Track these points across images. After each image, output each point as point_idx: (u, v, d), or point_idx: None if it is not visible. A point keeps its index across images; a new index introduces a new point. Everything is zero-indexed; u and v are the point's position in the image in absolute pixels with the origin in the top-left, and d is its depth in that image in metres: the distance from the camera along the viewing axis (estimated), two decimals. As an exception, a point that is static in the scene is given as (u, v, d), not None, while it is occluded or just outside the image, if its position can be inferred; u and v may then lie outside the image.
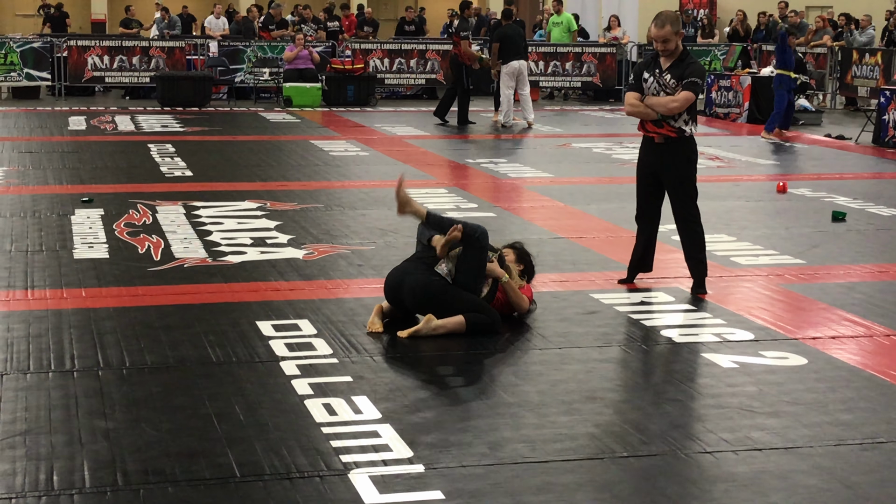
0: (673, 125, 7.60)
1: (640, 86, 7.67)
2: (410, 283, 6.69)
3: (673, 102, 7.49)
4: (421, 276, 6.68)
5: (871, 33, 22.89)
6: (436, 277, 6.66)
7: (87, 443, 4.93)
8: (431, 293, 6.63)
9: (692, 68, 7.52)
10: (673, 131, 7.61)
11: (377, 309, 6.82)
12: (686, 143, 7.69)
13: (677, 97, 7.49)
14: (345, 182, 12.59)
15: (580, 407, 5.51)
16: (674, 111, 7.51)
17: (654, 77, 7.61)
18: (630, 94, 7.76)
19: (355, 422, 5.24)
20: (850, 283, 8.17)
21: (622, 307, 7.34)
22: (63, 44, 22.49)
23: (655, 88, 7.59)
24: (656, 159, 7.72)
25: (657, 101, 7.56)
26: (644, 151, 7.84)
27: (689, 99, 7.48)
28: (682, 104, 7.49)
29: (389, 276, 6.89)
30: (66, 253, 8.63)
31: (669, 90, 7.53)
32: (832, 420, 5.38)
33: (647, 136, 7.74)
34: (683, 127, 7.62)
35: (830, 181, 13.04)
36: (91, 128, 17.52)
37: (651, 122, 7.65)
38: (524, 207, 11.04)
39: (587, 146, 16.17)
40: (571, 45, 25.07)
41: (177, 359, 6.13)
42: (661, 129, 7.63)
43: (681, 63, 7.55)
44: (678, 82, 7.50)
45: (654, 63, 7.66)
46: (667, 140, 7.63)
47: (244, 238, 9.25)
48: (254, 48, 22.96)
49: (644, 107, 7.62)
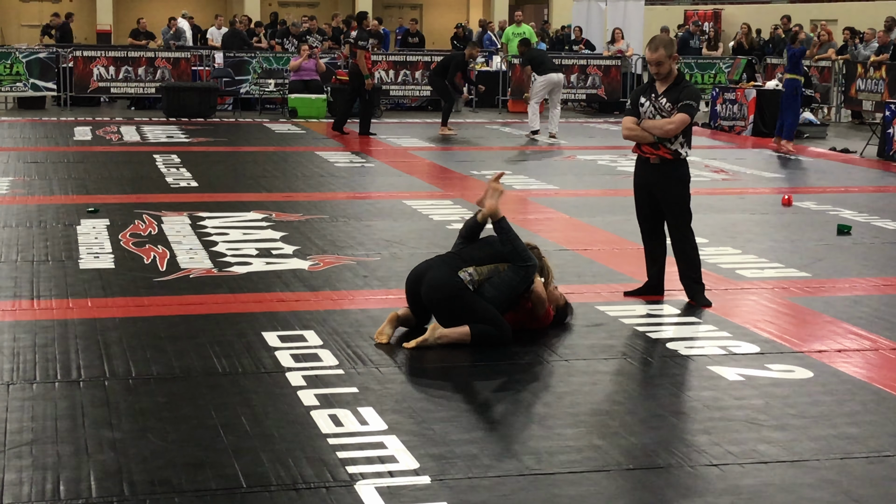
0: (669, 147, 7.67)
1: (637, 111, 7.76)
2: (430, 278, 6.71)
3: (669, 125, 7.57)
4: (442, 274, 6.69)
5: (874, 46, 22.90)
6: (456, 280, 6.66)
7: (93, 453, 4.94)
8: (447, 294, 6.63)
9: (687, 91, 7.62)
10: (669, 153, 7.68)
11: (391, 317, 6.82)
12: (681, 165, 7.77)
13: (673, 119, 7.57)
14: (350, 193, 12.61)
15: (586, 419, 5.51)
16: (670, 133, 7.59)
17: (650, 101, 7.69)
18: (626, 118, 7.85)
19: (361, 433, 5.24)
20: (856, 296, 8.17)
21: (628, 319, 7.34)
22: (69, 54, 22.54)
23: (651, 112, 7.68)
24: (652, 179, 7.78)
25: (653, 125, 7.64)
26: (640, 172, 7.90)
27: (685, 121, 7.56)
28: (678, 126, 7.56)
29: (415, 269, 6.93)
30: (71, 263, 8.64)
31: (665, 113, 7.62)
32: (838, 433, 5.38)
33: (643, 156, 7.81)
34: (679, 149, 7.69)
35: (835, 194, 13.04)
36: (96, 138, 17.54)
37: (647, 144, 7.73)
38: (529, 219, 11.04)
39: (592, 158, 16.19)
40: (577, 56, 25.11)
41: (183, 369, 6.14)
42: (658, 151, 7.71)
43: (676, 87, 7.64)
44: (673, 105, 7.59)
45: (650, 88, 7.76)
46: (662, 161, 7.71)
47: (250, 249, 9.26)
48: (259, 59, 23.00)
49: (640, 130, 7.71)
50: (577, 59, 24.75)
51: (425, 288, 6.72)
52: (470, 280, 6.67)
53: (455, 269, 6.71)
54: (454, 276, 6.67)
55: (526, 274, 6.81)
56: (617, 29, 25.87)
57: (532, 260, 6.84)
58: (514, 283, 6.78)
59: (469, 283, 6.66)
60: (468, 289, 6.66)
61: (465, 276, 6.68)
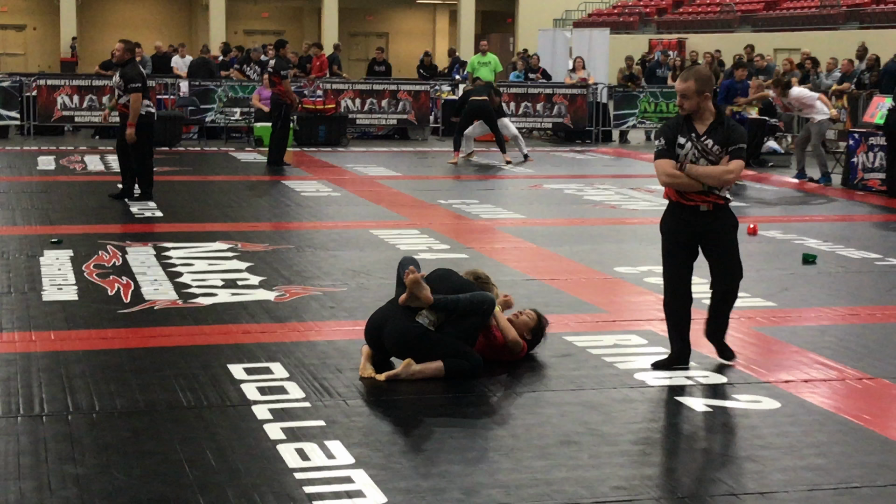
0: (719, 193, 6.83)
1: (673, 152, 6.79)
2: (390, 329, 6.67)
3: (728, 174, 6.72)
4: (401, 324, 6.64)
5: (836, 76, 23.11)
6: (416, 325, 6.62)
7: (56, 489, 4.87)
8: (409, 342, 6.61)
9: (735, 133, 6.76)
10: (720, 199, 6.85)
11: (366, 353, 6.78)
12: (728, 212, 6.95)
13: (731, 168, 6.72)
14: (316, 223, 12.57)
15: (555, 451, 5.49)
16: (728, 183, 6.80)
17: (691, 142, 6.77)
18: (664, 162, 6.81)
19: (328, 467, 5.20)
20: (822, 325, 8.20)
21: (595, 350, 7.33)
22: (32, 83, 22.41)
23: (695, 155, 6.75)
24: (703, 229, 6.88)
25: (706, 172, 6.73)
26: (683, 222, 6.90)
27: (741, 168, 6.79)
28: (738, 174, 6.81)
29: (372, 318, 6.86)
30: (34, 295, 8.56)
31: (713, 157, 6.73)
32: (806, 465, 5.38)
33: (688, 205, 6.86)
34: (726, 195, 6.90)
35: (801, 223, 13.12)
36: (60, 168, 17.43)
37: (695, 192, 6.84)
38: (496, 249, 11.04)
39: (559, 187, 16.22)
40: (542, 86, 25.21)
41: (147, 403, 6.08)
42: (709, 198, 6.83)
43: (720, 126, 6.76)
44: (722, 148, 6.72)
45: (686, 126, 6.81)
46: (716, 207, 6.86)
47: (215, 280, 9.20)
48: (224, 88, 22.96)
49: (686, 177, 6.76)
50: (543, 89, 24.84)
51: (388, 341, 6.69)
52: (429, 322, 6.65)
53: (411, 313, 6.67)
54: (413, 323, 6.63)
55: (483, 316, 6.80)
56: (578, 58, 25.98)
57: (486, 302, 6.79)
58: (475, 324, 6.77)
59: (429, 326, 6.64)
60: (430, 330, 6.64)
61: (423, 320, 6.65)
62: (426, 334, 6.62)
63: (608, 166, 19.80)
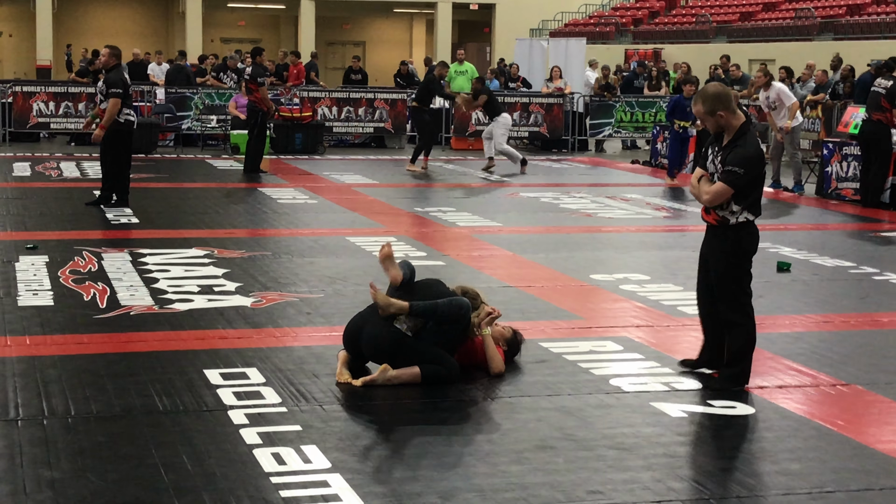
0: (718, 213, 6.69)
1: (704, 163, 6.81)
2: (367, 334, 6.68)
3: (704, 195, 6.66)
4: (379, 329, 6.66)
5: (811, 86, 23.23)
6: (393, 330, 6.64)
7: (31, 493, 4.85)
8: (386, 347, 6.62)
9: (734, 155, 6.54)
10: (715, 218, 6.72)
11: (342, 358, 6.79)
12: (728, 233, 6.70)
13: (707, 189, 6.64)
14: (293, 230, 12.56)
15: (531, 456, 5.51)
16: (706, 203, 6.68)
17: (712, 155, 6.73)
18: (698, 169, 6.88)
19: (305, 471, 5.20)
20: (796, 332, 8.25)
21: (571, 356, 7.36)
22: (8, 89, 22.32)
23: (715, 168, 6.70)
24: (705, 246, 6.91)
25: (692, 186, 6.84)
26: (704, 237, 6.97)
27: (720, 194, 6.56)
28: (712, 199, 6.60)
29: (350, 323, 6.87)
30: (10, 300, 8.52)
31: (718, 174, 6.64)
32: (780, 469, 5.42)
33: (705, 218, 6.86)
34: (728, 216, 6.66)
35: (775, 232, 13.18)
36: (36, 174, 17.36)
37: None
38: (473, 256, 11.06)
39: (535, 195, 16.26)
40: (519, 94, 25.26)
41: (123, 408, 6.06)
42: (708, 216, 6.79)
43: (731, 143, 6.62)
44: (723, 167, 6.60)
45: (716, 139, 6.75)
46: (710, 226, 6.82)
47: (191, 286, 9.18)
48: (201, 95, 22.92)
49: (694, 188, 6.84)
50: (520, 98, 24.89)
51: (366, 345, 6.70)
52: (407, 328, 6.66)
53: (389, 319, 6.68)
54: (391, 328, 6.65)
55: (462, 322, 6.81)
56: (555, 67, 26.03)
57: (464, 307, 6.79)
58: (454, 331, 6.78)
59: (407, 331, 6.65)
60: (408, 335, 6.65)
61: (401, 325, 6.66)
62: (403, 340, 6.64)
63: (584, 175, 19.86)
